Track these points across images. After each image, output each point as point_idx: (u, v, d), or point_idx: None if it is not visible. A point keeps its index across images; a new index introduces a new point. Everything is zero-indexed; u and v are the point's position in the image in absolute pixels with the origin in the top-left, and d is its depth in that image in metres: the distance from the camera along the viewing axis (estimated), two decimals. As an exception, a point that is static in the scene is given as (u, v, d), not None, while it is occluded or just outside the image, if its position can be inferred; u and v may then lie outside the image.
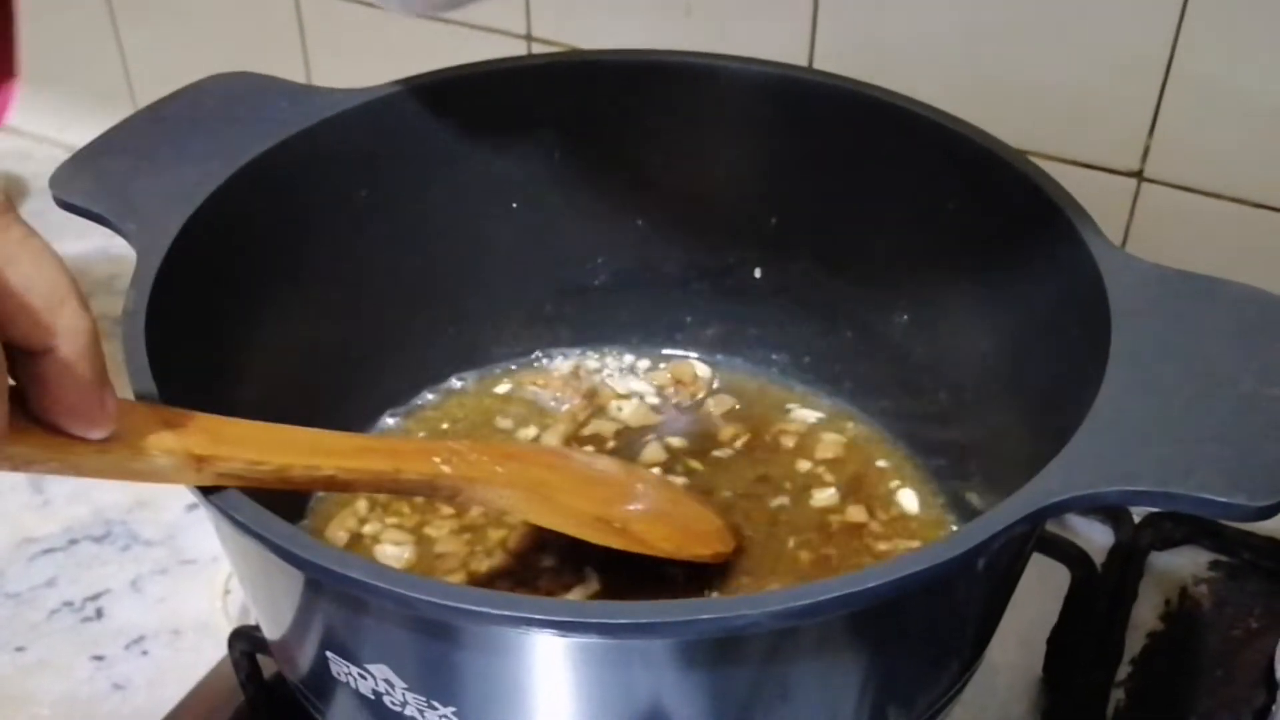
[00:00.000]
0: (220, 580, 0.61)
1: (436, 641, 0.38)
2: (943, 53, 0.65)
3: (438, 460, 0.43)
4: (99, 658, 0.59)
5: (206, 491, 0.38)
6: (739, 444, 0.58)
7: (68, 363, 0.31)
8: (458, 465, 0.43)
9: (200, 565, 0.63)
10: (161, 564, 0.63)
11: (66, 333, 0.31)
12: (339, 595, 0.38)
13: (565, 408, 0.60)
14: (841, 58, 0.62)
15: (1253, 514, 0.37)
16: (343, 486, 0.42)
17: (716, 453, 0.58)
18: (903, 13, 0.65)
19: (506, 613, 0.34)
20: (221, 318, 0.49)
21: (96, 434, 0.33)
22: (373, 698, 0.41)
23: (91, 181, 0.48)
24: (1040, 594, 0.55)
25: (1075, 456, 0.38)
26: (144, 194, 0.48)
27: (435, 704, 0.39)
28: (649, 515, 0.50)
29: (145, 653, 0.59)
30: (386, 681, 0.40)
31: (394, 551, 0.53)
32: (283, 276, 0.52)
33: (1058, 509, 0.37)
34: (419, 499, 0.55)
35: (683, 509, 0.52)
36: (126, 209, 0.47)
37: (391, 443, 0.42)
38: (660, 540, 0.49)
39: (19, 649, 0.59)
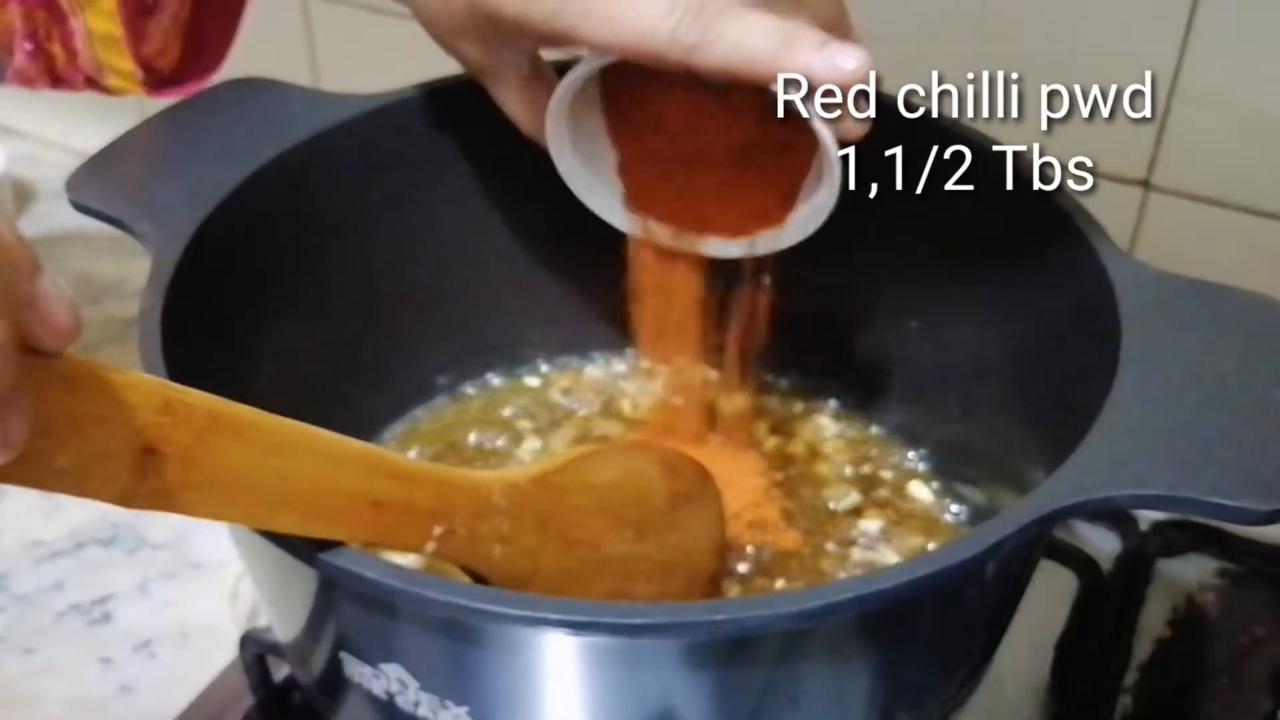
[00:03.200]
0: (228, 584, 0.61)
1: (451, 641, 0.38)
2: (950, 61, 0.65)
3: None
4: (107, 660, 0.59)
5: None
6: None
7: None
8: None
9: (208, 569, 0.63)
10: (169, 568, 0.63)
11: None
12: (354, 596, 0.39)
13: (582, 411, 0.60)
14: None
15: (1262, 517, 0.37)
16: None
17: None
18: (908, 21, 0.66)
19: (523, 612, 0.35)
20: (235, 319, 0.49)
21: None
22: (385, 698, 0.41)
23: (107, 185, 0.49)
24: (1048, 600, 0.55)
25: (1086, 460, 0.39)
26: (159, 197, 0.48)
27: (448, 703, 0.39)
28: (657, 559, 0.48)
29: (153, 656, 0.59)
30: (400, 681, 0.40)
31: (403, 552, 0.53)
32: (296, 278, 0.52)
33: (1068, 512, 0.38)
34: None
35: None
36: (141, 212, 0.47)
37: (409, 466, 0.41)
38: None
39: (27, 651, 0.59)
